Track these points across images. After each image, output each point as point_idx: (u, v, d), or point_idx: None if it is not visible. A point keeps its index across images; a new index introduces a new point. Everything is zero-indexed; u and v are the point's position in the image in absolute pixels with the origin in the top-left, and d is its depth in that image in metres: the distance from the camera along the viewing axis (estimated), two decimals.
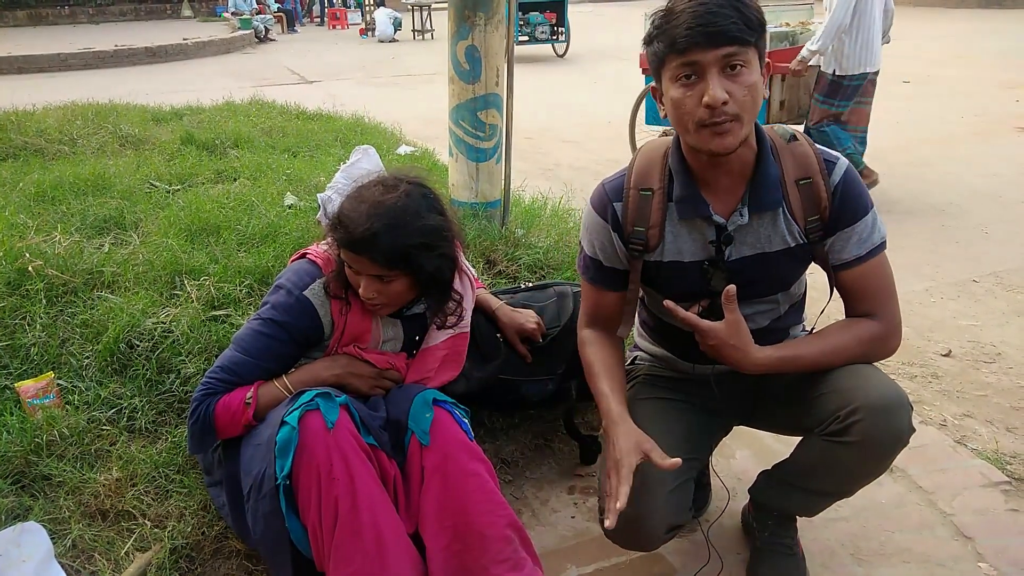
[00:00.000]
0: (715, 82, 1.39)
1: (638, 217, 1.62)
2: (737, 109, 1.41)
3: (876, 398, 1.50)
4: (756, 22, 1.40)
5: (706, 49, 1.38)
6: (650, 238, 1.62)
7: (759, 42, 1.42)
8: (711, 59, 1.39)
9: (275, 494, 1.54)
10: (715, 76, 1.39)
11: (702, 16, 1.37)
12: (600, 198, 1.67)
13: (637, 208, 1.62)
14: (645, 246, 1.63)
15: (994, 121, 7.19)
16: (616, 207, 1.64)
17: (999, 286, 3.71)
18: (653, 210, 1.61)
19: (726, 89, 1.40)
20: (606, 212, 1.65)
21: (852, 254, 1.58)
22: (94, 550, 1.75)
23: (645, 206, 1.61)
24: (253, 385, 1.66)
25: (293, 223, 2.92)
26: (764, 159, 1.55)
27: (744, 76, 1.41)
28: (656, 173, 1.62)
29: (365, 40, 16.62)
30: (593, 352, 1.72)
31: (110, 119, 4.88)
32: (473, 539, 1.59)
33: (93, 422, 2.02)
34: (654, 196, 1.61)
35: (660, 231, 1.61)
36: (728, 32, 1.37)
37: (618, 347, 1.76)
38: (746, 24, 1.38)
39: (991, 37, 13.41)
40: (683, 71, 1.42)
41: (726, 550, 1.95)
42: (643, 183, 1.62)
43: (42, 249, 2.56)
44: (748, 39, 1.39)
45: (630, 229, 1.63)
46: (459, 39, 2.81)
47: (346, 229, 1.61)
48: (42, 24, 19.21)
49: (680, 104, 1.44)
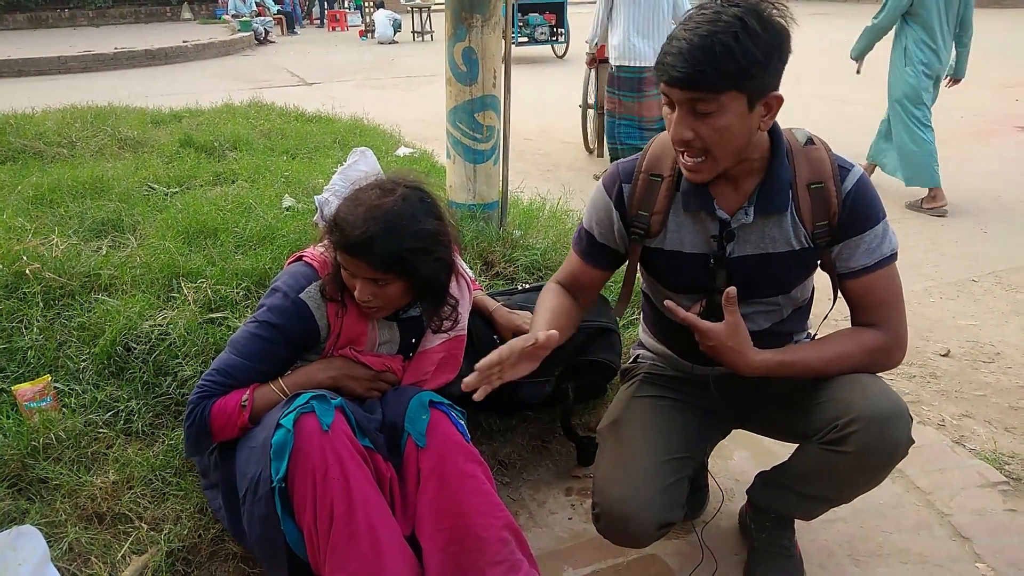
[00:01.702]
0: (679, 120, 1.43)
1: (644, 201, 1.64)
2: (703, 147, 1.44)
3: (875, 408, 1.49)
4: (735, 70, 1.35)
5: (672, 87, 1.41)
6: (652, 224, 1.63)
7: (745, 84, 1.38)
8: (678, 97, 1.42)
9: (271, 497, 1.53)
10: (682, 114, 1.43)
11: (675, 55, 1.37)
12: (612, 176, 1.70)
13: (645, 192, 1.64)
14: (647, 231, 1.64)
15: (993, 121, 7.19)
16: (624, 188, 1.66)
17: (998, 286, 3.70)
18: (660, 196, 1.62)
19: (692, 127, 1.42)
20: (613, 190, 1.68)
21: (860, 263, 1.57)
22: (90, 553, 1.75)
23: (653, 191, 1.63)
24: (249, 388, 1.66)
25: (291, 225, 2.92)
26: (777, 161, 1.54)
27: (713, 119, 1.40)
28: (668, 160, 1.63)
29: (365, 42, 16.62)
30: (547, 296, 1.75)
31: (109, 122, 4.88)
32: (470, 541, 1.59)
33: (90, 425, 2.02)
34: (663, 183, 1.63)
35: (663, 218, 1.63)
36: (692, 81, 1.37)
37: (574, 304, 1.77)
38: (718, 74, 1.35)
39: (990, 37, 13.39)
40: (665, 97, 1.46)
41: (724, 551, 1.95)
42: (654, 168, 1.64)
43: (39, 252, 2.56)
44: (716, 88, 1.37)
45: (634, 212, 1.65)
46: (456, 41, 2.81)
47: (342, 232, 1.61)
48: (42, 27, 19.21)
49: (667, 121, 1.49)
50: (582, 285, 1.78)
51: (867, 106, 8.05)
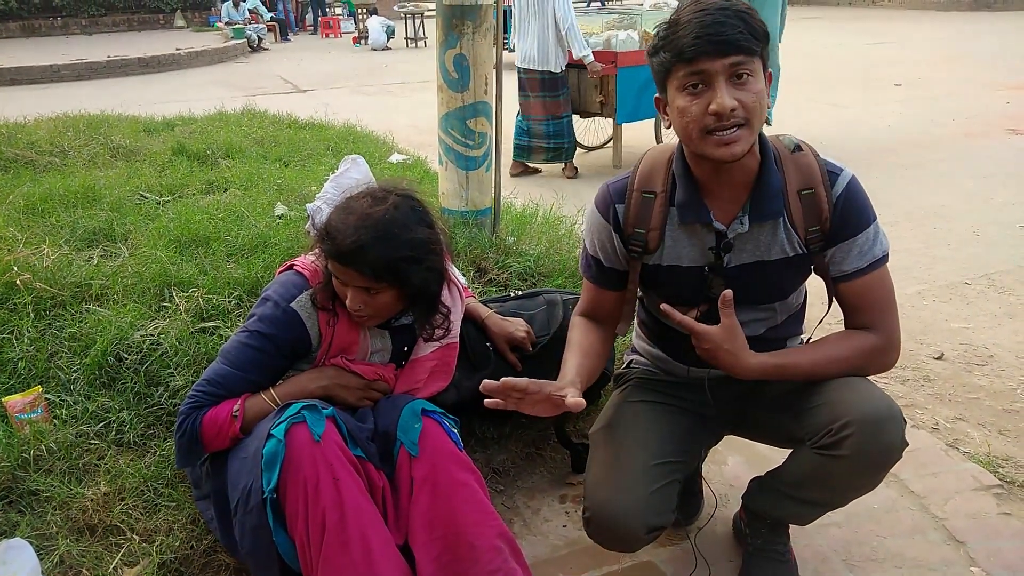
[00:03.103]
0: (723, 90, 1.40)
1: (639, 219, 1.63)
2: (745, 115, 1.42)
3: (868, 412, 1.49)
4: (761, 32, 1.42)
5: (714, 58, 1.39)
6: (650, 240, 1.63)
7: (763, 52, 1.43)
8: (719, 67, 1.40)
9: (262, 507, 1.53)
10: (723, 84, 1.40)
11: (709, 26, 1.38)
12: (604, 198, 1.69)
13: (639, 210, 1.63)
14: (644, 248, 1.64)
15: (985, 123, 7.22)
16: (618, 208, 1.66)
17: (991, 288, 3.71)
18: (654, 213, 1.62)
19: (734, 97, 1.41)
20: (608, 213, 1.67)
21: (852, 266, 1.58)
22: (82, 566, 1.74)
23: (647, 208, 1.63)
24: (240, 398, 1.65)
25: (283, 233, 2.91)
26: (767, 168, 1.55)
27: (751, 84, 1.42)
28: (660, 176, 1.63)
29: (358, 48, 16.63)
30: (576, 333, 1.75)
31: (101, 130, 4.87)
32: (463, 550, 1.58)
33: (81, 436, 2.00)
34: (656, 199, 1.62)
35: (660, 234, 1.63)
36: (735, 41, 1.38)
37: (604, 336, 1.76)
38: (752, 34, 1.39)
39: (981, 39, 13.49)
40: (690, 80, 1.43)
41: (718, 556, 1.95)
42: (646, 185, 1.64)
43: (30, 262, 2.54)
44: (754, 48, 1.40)
45: (630, 231, 1.65)
46: (448, 48, 2.81)
47: (334, 241, 1.61)
48: (35, 36, 19.17)
49: (686, 112, 1.45)
50: (605, 311, 1.77)
51: (863, 109, 8.10)
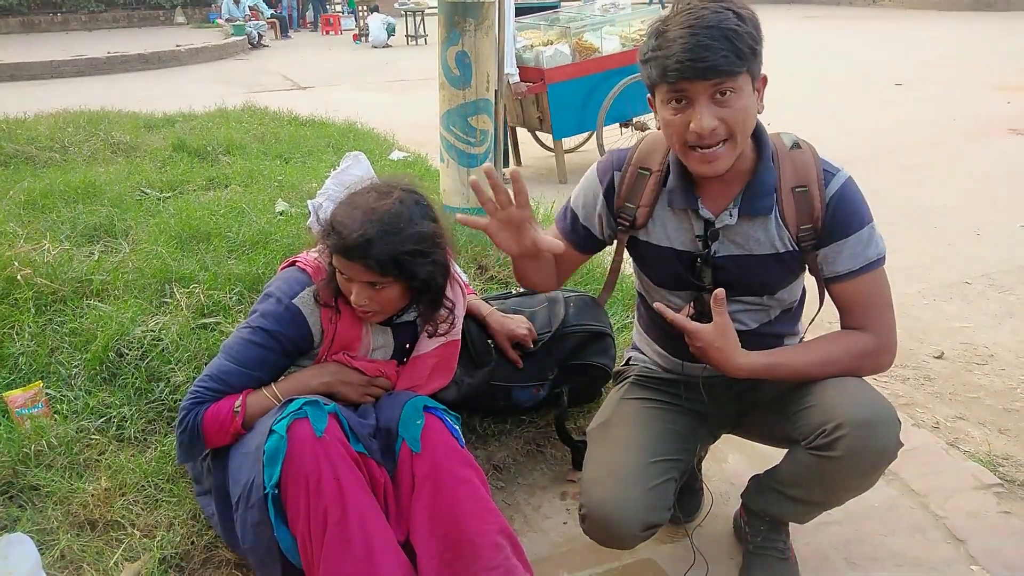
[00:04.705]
0: (704, 111, 1.41)
1: (631, 193, 1.67)
2: (728, 131, 1.43)
3: (862, 413, 1.50)
4: (748, 50, 1.40)
5: (695, 81, 1.40)
6: (639, 216, 1.66)
7: (752, 66, 1.43)
8: (700, 89, 1.40)
9: (264, 503, 1.53)
10: (704, 104, 1.41)
11: (692, 49, 1.37)
12: (607, 162, 1.72)
13: (633, 184, 1.67)
14: (633, 223, 1.67)
15: (986, 123, 7.22)
16: (616, 176, 1.69)
17: (991, 288, 3.71)
18: (647, 190, 1.65)
19: (716, 115, 1.41)
20: (605, 176, 1.70)
21: (845, 267, 1.58)
22: (83, 561, 1.74)
23: (640, 184, 1.66)
24: (242, 394, 1.65)
25: (284, 229, 2.92)
26: (762, 164, 1.56)
27: (734, 100, 1.42)
28: (658, 156, 1.65)
29: (359, 46, 16.62)
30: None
31: (102, 126, 4.87)
32: (464, 547, 1.58)
33: (82, 431, 2.01)
34: (651, 177, 1.65)
35: (649, 211, 1.65)
36: (718, 67, 1.37)
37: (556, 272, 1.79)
38: (736, 55, 1.38)
39: (982, 39, 13.48)
40: (673, 95, 1.44)
41: (718, 554, 1.95)
42: (644, 162, 1.67)
43: (31, 257, 2.55)
44: (737, 70, 1.39)
45: (621, 203, 1.68)
46: (449, 45, 2.81)
47: (339, 235, 1.60)
48: (35, 31, 19.17)
49: (669, 124, 1.47)
50: (558, 263, 1.79)
51: (863, 109, 8.10)
